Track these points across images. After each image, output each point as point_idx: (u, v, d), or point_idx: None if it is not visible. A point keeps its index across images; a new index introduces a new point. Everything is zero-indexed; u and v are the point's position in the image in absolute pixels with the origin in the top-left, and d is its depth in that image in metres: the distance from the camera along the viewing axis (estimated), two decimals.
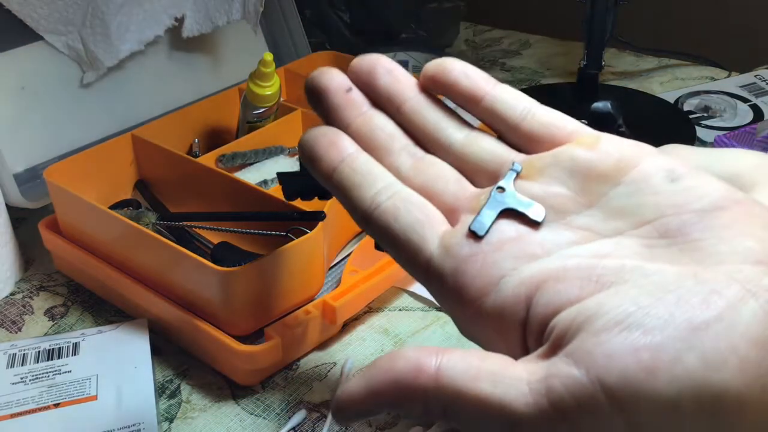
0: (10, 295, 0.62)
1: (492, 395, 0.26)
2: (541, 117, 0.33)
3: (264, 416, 0.50)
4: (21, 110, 0.69)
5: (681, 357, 0.24)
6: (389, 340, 0.56)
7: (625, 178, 0.30)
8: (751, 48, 1.05)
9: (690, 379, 0.24)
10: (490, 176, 0.33)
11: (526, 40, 1.07)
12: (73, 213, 0.60)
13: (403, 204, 0.32)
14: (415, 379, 0.27)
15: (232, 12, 0.78)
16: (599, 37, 0.79)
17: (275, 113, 0.71)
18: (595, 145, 0.31)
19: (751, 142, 0.70)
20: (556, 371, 0.26)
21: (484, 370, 0.27)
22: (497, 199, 0.31)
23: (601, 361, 0.25)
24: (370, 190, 0.32)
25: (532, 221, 0.31)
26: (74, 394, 0.51)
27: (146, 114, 0.76)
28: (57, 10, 0.70)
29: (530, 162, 0.32)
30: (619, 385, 0.25)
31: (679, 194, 0.29)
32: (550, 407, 0.26)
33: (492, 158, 0.33)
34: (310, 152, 0.34)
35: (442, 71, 0.34)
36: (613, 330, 0.26)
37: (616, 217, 0.30)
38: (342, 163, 0.33)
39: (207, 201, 0.63)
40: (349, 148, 0.34)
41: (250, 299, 0.51)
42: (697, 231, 0.28)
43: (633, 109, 0.84)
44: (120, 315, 0.59)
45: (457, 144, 0.34)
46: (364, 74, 0.35)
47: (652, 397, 0.25)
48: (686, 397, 0.24)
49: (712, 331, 0.25)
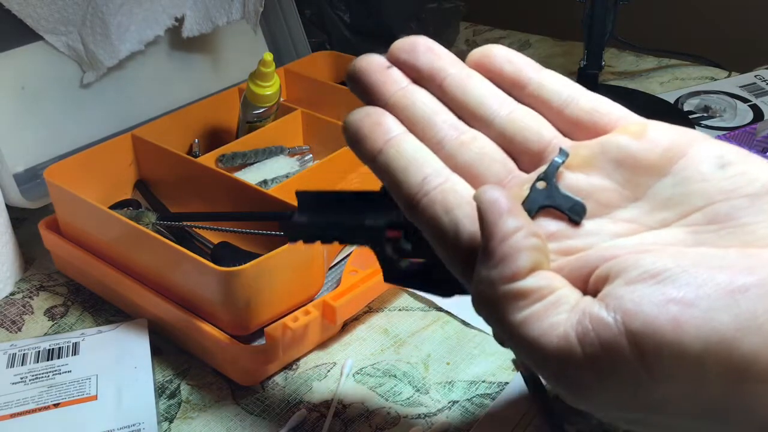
0: (10, 295, 0.62)
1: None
2: (585, 103, 0.33)
3: (264, 416, 0.50)
4: (21, 110, 0.69)
5: (713, 315, 0.24)
6: (389, 340, 0.56)
7: (674, 167, 0.30)
8: (751, 48, 1.05)
9: (719, 338, 0.24)
10: (533, 157, 0.32)
11: (526, 40, 1.07)
12: (73, 213, 0.60)
13: (454, 197, 0.31)
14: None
15: (232, 12, 0.78)
16: (599, 37, 0.79)
17: (275, 113, 0.71)
18: (642, 133, 0.31)
19: (751, 142, 0.70)
20: (588, 310, 0.26)
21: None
22: (538, 195, 0.31)
23: (629, 306, 0.25)
24: (417, 176, 0.32)
25: (573, 219, 0.30)
26: (74, 394, 0.51)
27: (146, 114, 0.76)
28: (57, 10, 0.70)
29: (576, 150, 0.32)
30: (642, 332, 0.25)
31: (728, 180, 0.29)
32: (578, 344, 0.26)
33: (537, 139, 0.33)
34: (354, 133, 0.33)
35: (487, 57, 0.34)
36: (647, 281, 0.26)
37: (663, 209, 0.30)
38: (387, 144, 0.32)
39: (207, 201, 0.63)
40: (394, 128, 0.33)
41: (250, 299, 0.51)
42: (748, 215, 0.28)
43: (633, 109, 0.84)
44: (120, 315, 0.59)
45: (500, 120, 0.33)
46: (405, 53, 0.34)
47: (676, 350, 0.24)
48: (712, 356, 0.24)
49: (751, 294, 0.24)
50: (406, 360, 0.54)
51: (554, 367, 0.27)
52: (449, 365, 0.54)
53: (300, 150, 0.70)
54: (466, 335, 0.56)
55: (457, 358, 0.54)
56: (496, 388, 0.52)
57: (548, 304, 0.27)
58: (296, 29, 0.87)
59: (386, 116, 0.33)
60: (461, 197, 0.31)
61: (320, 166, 0.64)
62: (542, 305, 0.27)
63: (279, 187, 0.61)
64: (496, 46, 0.34)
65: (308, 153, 0.70)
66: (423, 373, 0.53)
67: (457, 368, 0.53)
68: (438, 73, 0.34)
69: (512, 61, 0.34)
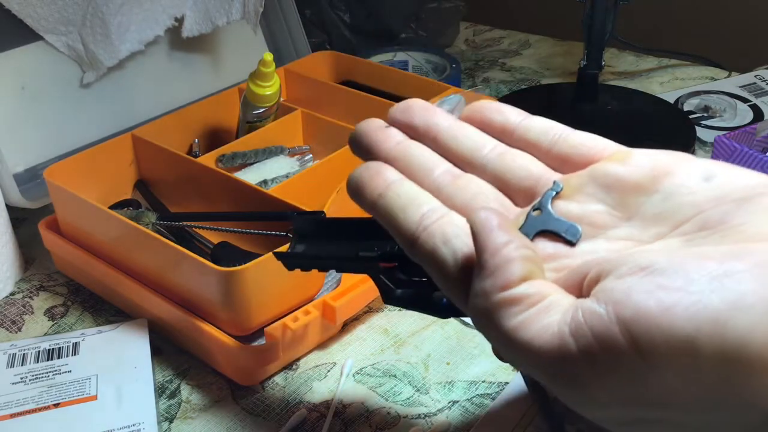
0: (10, 295, 0.62)
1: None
2: (572, 140, 0.35)
3: (264, 416, 0.50)
4: (21, 110, 0.69)
5: (702, 298, 0.25)
6: (389, 340, 0.56)
7: (661, 185, 0.31)
8: (751, 48, 1.05)
9: (710, 319, 0.24)
10: (527, 194, 0.34)
11: (526, 40, 1.07)
12: (73, 213, 0.60)
13: (452, 228, 0.32)
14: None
15: (232, 12, 0.78)
16: (599, 37, 0.79)
17: (275, 113, 0.71)
18: (627, 159, 0.32)
19: (751, 142, 0.70)
20: (581, 306, 0.27)
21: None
22: (534, 221, 0.32)
23: (619, 296, 0.26)
24: (416, 213, 0.33)
25: (568, 241, 0.31)
26: (74, 394, 0.51)
27: (146, 114, 0.76)
28: (57, 10, 0.70)
29: (566, 180, 0.33)
30: (634, 319, 0.25)
31: (715, 189, 0.30)
32: (572, 339, 0.26)
33: (528, 175, 0.34)
34: (356, 183, 0.36)
35: (478, 111, 0.37)
36: (637, 273, 0.26)
37: (655, 224, 0.31)
38: (387, 188, 0.35)
39: (207, 201, 0.63)
40: (393, 176, 0.35)
41: (250, 299, 0.51)
42: (737, 218, 0.28)
43: (633, 109, 0.84)
44: (120, 315, 0.59)
45: (493, 163, 0.35)
46: (401, 113, 0.37)
47: (668, 334, 0.25)
48: (705, 337, 0.24)
49: (739, 277, 0.25)
50: (406, 360, 0.54)
51: (551, 367, 0.27)
52: (449, 365, 0.54)
53: (300, 150, 0.70)
54: (466, 335, 0.56)
55: (457, 358, 0.54)
56: (496, 388, 0.52)
57: (541, 308, 0.28)
58: (296, 29, 0.87)
59: (385, 167, 0.36)
60: (459, 228, 0.32)
61: (320, 166, 0.64)
62: (535, 310, 0.28)
63: (279, 187, 0.61)
64: (488, 102, 0.37)
65: (308, 153, 0.70)
66: (423, 373, 0.53)
67: (457, 368, 0.53)
68: (432, 128, 0.37)
69: (502, 112, 0.36)
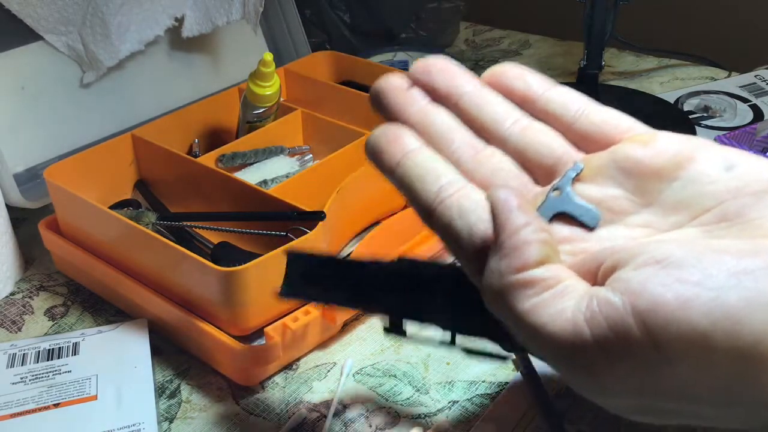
0: (10, 295, 0.62)
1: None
2: (594, 116, 0.34)
3: (264, 416, 0.50)
4: (21, 110, 0.69)
5: (719, 294, 0.25)
6: (389, 340, 0.56)
7: (682, 172, 0.31)
8: (751, 48, 1.05)
9: (726, 315, 0.24)
10: (547, 172, 0.34)
11: (526, 40, 1.07)
12: (73, 213, 0.60)
13: (468, 202, 0.32)
14: None
15: (232, 12, 0.78)
16: (599, 37, 0.79)
17: (275, 113, 0.71)
18: (650, 142, 0.32)
19: (751, 142, 0.70)
20: (595, 294, 0.27)
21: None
22: (552, 202, 0.32)
23: (635, 287, 0.26)
24: (434, 185, 0.33)
25: (587, 226, 0.31)
26: (74, 394, 0.51)
27: (146, 114, 0.76)
28: (57, 10, 0.70)
29: (587, 161, 0.33)
30: (650, 310, 0.25)
31: (735, 180, 0.30)
32: (587, 327, 0.26)
33: (549, 153, 0.34)
34: (374, 148, 0.35)
35: (499, 75, 0.36)
36: (653, 266, 0.26)
37: (675, 212, 0.31)
38: (405, 157, 0.34)
39: (207, 201, 0.63)
40: (412, 143, 0.34)
41: (250, 299, 0.51)
42: (756, 211, 0.29)
43: (633, 109, 0.84)
44: (120, 315, 0.59)
45: (515, 137, 0.35)
46: (422, 73, 0.36)
47: (684, 327, 0.25)
48: (720, 333, 0.24)
49: (756, 274, 0.25)
50: (406, 360, 0.54)
51: (563, 353, 0.27)
52: (449, 365, 0.54)
53: (300, 150, 0.70)
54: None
55: (457, 358, 0.54)
56: (496, 388, 0.52)
57: (556, 292, 0.28)
58: (296, 29, 0.87)
59: (405, 132, 0.35)
60: (475, 203, 0.32)
61: (320, 166, 0.64)
62: (550, 294, 0.28)
63: (279, 187, 0.61)
64: (511, 65, 0.36)
65: (308, 153, 0.70)
66: (423, 373, 0.53)
67: (457, 368, 0.53)
68: (454, 92, 0.36)
69: (524, 79, 0.35)
